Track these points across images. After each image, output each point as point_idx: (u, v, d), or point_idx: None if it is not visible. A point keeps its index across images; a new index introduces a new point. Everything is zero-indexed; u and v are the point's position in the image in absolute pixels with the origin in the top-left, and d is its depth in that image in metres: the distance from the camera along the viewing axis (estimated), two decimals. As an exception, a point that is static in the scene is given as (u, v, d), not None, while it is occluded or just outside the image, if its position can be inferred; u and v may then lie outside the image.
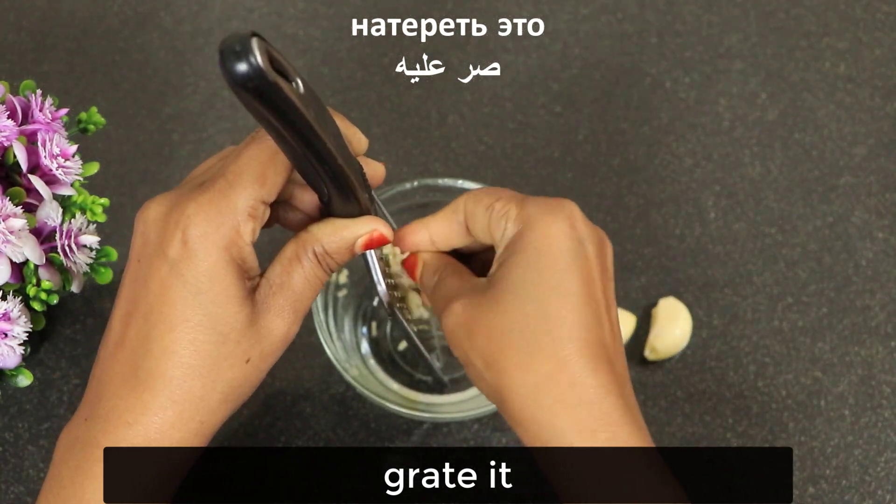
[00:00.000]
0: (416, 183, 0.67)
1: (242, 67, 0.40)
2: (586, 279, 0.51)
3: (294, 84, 0.44)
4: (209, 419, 0.49)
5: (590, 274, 0.51)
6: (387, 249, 0.59)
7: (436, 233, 0.56)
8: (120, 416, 0.48)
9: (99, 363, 0.50)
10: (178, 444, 0.49)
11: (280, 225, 0.54)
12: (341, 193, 0.50)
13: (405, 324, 0.59)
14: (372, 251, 0.55)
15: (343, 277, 0.69)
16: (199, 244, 0.48)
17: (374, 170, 0.54)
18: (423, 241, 0.57)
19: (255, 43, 0.40)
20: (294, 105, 0.43)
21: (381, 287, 0.57)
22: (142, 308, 0.49)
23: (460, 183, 0.68)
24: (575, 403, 0.49)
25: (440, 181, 0.68)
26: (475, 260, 0.57)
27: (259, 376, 0.51)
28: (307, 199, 0.53)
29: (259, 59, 0.40)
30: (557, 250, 0.51)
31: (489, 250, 0.55)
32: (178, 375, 0.48)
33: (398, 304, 0.59)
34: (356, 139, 0.52)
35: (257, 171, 0.48)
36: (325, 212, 0.52)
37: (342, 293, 0.69)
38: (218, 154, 0.53)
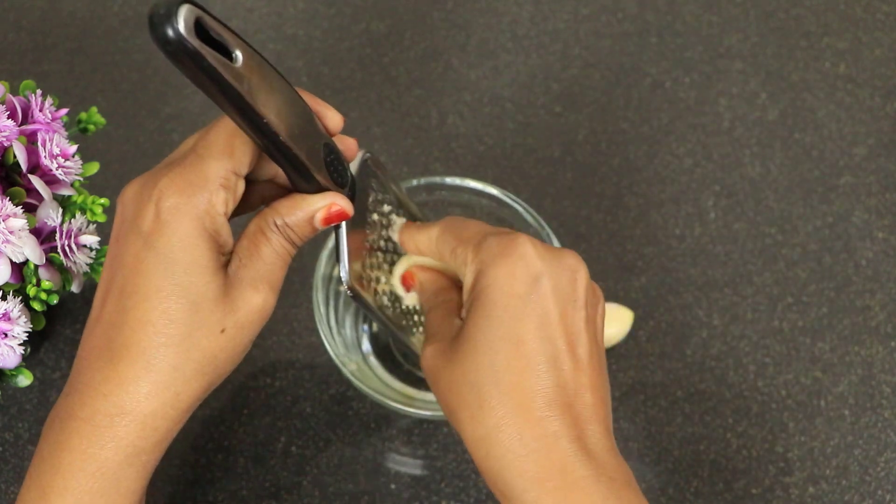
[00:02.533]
0: (422, 180, 0.68)
1: (163, 31, 0.41)
2: (540, 321, 0.51)
3: (234, 55, 0.44)
4: (184, 390, 0.49)
5: (545, 314, 0.51)
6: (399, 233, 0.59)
7: (422, 245, 0.59)
8: (96, 387, 0.49)
9: (81, 343, 0.51)
10: (153, 414, 0.49)
11: (266, 205, 0.54)
12: (294, 170, 0.50)
13: (371, 305, 0.59)
14: (343, 231, 0.55)
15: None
16: (171, 215, 0.48)
17: (347, 147, 0.54)
18: (411, 248, 0.60)
19: (182, 9, 0.41)
20: (218, 74, 0.43)
21: (345, 269, 0.56)
22: (118, 283, 0.49)
23: (466, 182, 0.68)
24: (522, 454, 0.49)
25: (447, 179, 0.68)
26: None
27: (236, 349, 0.51)
28: None
29: (181, 24, 0.41)
30: (507, 296, 0.51)
31: None
32: (153, 345, 0.48)
33: (363, 289, 0.58)
34: (329, 117, 0.52)
35: (225, 142, 0.49)
36: (294, 188, 0.52)
37: (344, 288, 0.69)
38: (194, 135, 0.54)
